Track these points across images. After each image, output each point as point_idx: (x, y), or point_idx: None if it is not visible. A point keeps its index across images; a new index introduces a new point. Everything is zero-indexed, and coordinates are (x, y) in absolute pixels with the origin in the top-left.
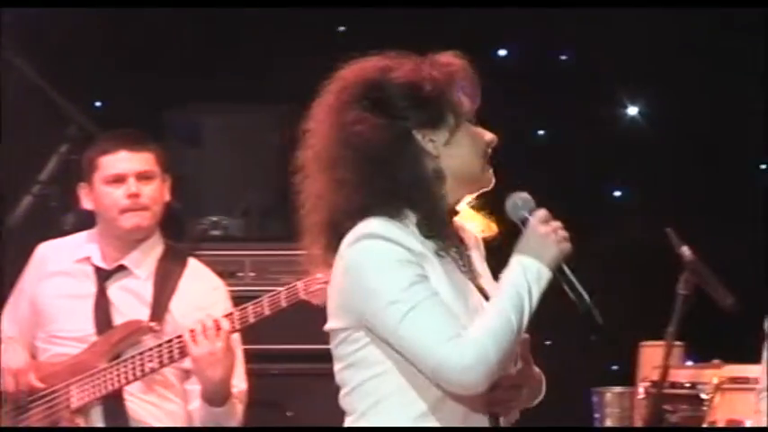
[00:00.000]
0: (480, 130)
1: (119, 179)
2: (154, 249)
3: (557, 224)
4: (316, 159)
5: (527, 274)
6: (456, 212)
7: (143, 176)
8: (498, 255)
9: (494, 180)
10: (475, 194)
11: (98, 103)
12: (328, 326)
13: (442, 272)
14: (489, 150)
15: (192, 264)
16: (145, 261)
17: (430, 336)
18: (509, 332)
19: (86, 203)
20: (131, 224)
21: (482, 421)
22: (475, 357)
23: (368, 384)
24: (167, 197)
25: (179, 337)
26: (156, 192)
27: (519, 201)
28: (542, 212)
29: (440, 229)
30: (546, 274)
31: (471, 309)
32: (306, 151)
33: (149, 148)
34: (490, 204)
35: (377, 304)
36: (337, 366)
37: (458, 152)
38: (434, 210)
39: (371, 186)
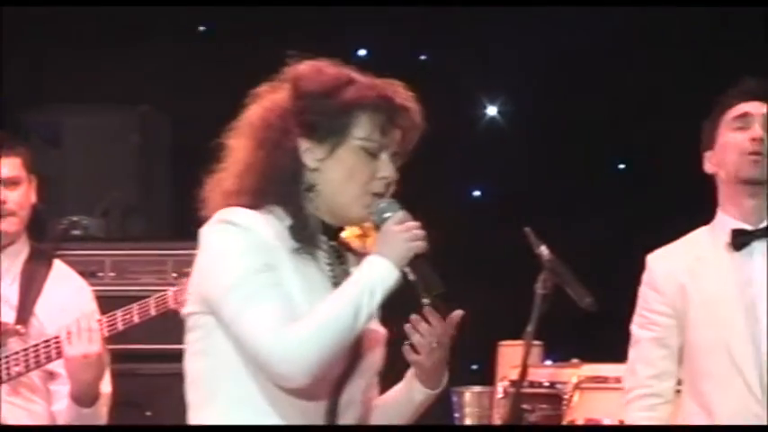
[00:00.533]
0: (376, 164)
1: None
2: (20, 253)
3: (412, 224)
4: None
5: (372, 273)
6: (341, 229)
7: (9, 182)
8: None
9: (371, 218)
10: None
11: None
12: (184, 310)
13: (292, 268)
14: (380, 188)
15: (58, 266)
16: (11, 265)
17: (259, 324)
18: (337, 329)
19: None
20: None
21: (320, 411)
22: (295, 351)
23: (203, 375)
24: (34, 199)
25: (46, 341)
26: (23, 197)
27: (384, 204)
28: (399, 214)
29: (302, 238)
30: (392, 272)
31: None
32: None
33: (16, 152)
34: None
35: (219, 288)
36: (186, 355)
37: (332, 174)
38: (299, 218)
39: (248, 175)
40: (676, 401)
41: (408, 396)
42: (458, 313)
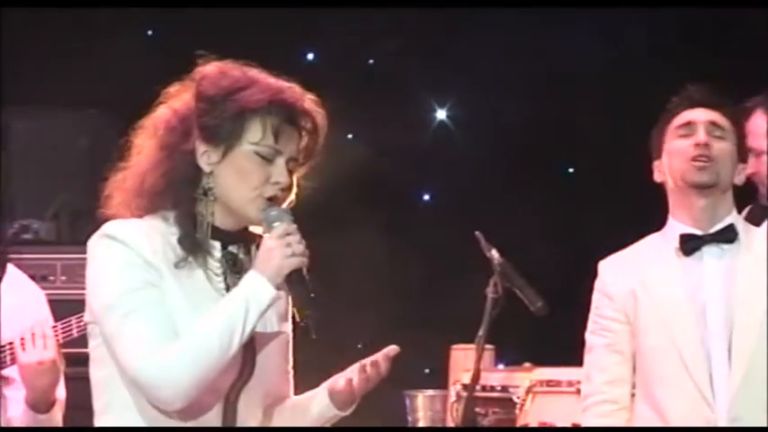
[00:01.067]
0: (270, 169)
1: None
2: None
3: (292, 238)
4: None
5: (246, 290)
6: (240, 235)
7: None
8: None
9: (266, 221)
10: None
11: None
12: (84, 317)
13: (176, 282)
14: (272, 192)
15: (11, 271)
16: None
17: (133, 347)
18: (211, 350)
19: None
20: None
21: (216, 420)
22: (167, 376)
23: (102, 383)
24: None
25: (1, 347)
26: None
27: (274, 212)
28: (282, 226)
29: (188, 247)
30: (267, 290)
31: None
32: None
33: None
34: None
35: (99, 305)
36: (89, 362)
37: (225, 177)
38: (187, 224)
39: (149, 176)
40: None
41: (318, 411)
42: (393, 349)
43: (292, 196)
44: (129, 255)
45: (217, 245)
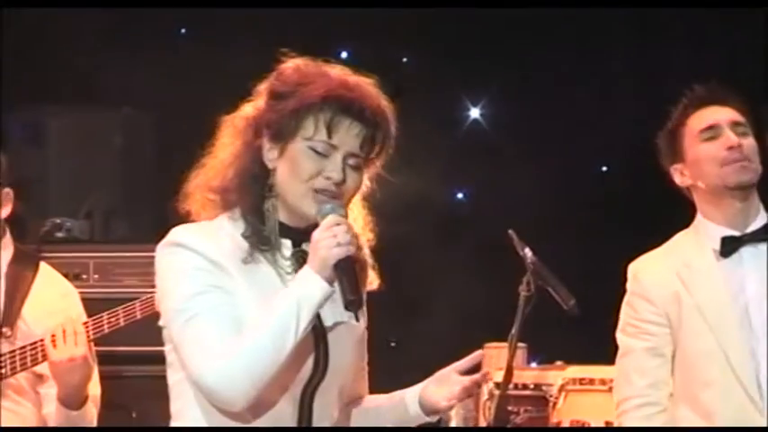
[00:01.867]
0: (324, 163)
1: None
2: (3, 253)
3: (338, 229)
4: None
5: (298, 288)
6: (305, 230)
7: None
8: None
9: (320, 216)
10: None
11: None
12: (159, 322)
13: (246, 280)
14: (322, 185)
15: (44, 269)
16: None
17: (194, 350)
18: (266, 351)
19: None
20: None
21: (291, 420)
22: (224, 380)
23: (176, 388)
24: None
25: (33, 344)
26: None
27: (327, 206)
28: (329, 218)
29: (255, 242)
30: (317, 284)
31: None
32: None
33: None
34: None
35: (167, 311)
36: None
37: (281, 173)
38: (253, 221)
39: (223, 173)
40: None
41: (404, 414)
42: (480, 354)
43: (358, 196)
44: (193, 259)
45: (288, 243)
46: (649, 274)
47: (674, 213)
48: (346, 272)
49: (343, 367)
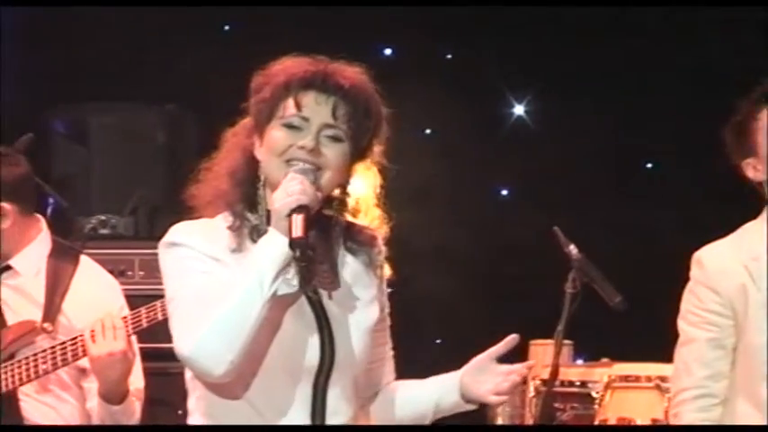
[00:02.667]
0: (299, 135)
1: None
2: (40, 247)
3: (289, 183)
4: None
5: (257, 247)
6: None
7: None
8: None
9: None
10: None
11: None
12: None
13: (238, 269)
14: (295, 155)
15: (85, 262)
16: (31, 260)
17: (176, 330)
18: (231, 313)
19: None
20: None
21: (304, 411)
22: (201, 349)
23: (190, 383)
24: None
25: (73, 339)
26: None
27: (295, 167)
28: (287, 177)
29: (247, 231)
30: (269, 237)
31: None
32: None
33: None
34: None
35: (167, 304)
36: None
37: (262, 157)
38: (241, 212)
39: (224, 179)
40: None
41: (441, 401)
42: (514, 338)
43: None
44: (183, 252)
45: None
46: (716, 264)
47: (722, 209)
48: (293, 218)
49: (353, 356)
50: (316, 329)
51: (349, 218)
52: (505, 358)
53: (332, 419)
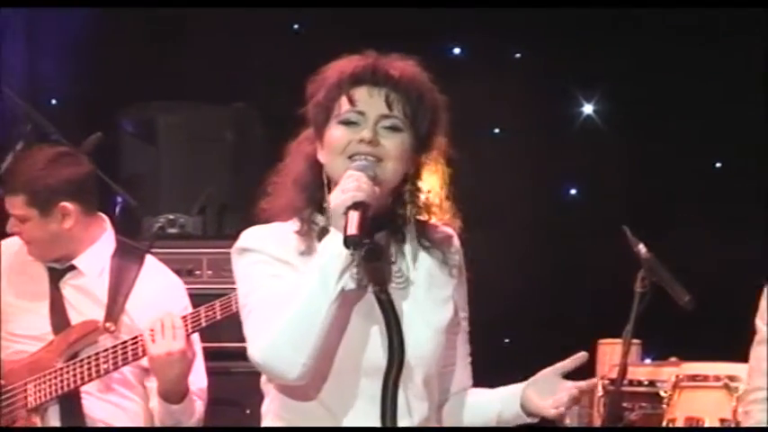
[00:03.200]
0: (358, 130)
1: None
2: (104, 247)
3: (345, 180)
4: None
5: (320, 247)
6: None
7: (18, 218)
8: None
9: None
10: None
11: (54, 101)
12: None
13: (306, 271)
14: (355, 149)
15: (149, 261)
16: (95, 260)
17: (250, 336)
18: (297, 312)
19: None
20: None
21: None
22: (273, 352)
23: (264, 386)
24: (57, 227)
25: (134, 338)
26: (33, 230)
27: (357, 164)
28: (347, 173)
29: (304, 233)
30: (330, 237)
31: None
32: None
33: (17, 189)
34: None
35: (240, 309)
36: None
37: (325, 158)
38: (308, 216)
39: (292, 188)
40: None
41: (504, 412)
42: (583, 356)
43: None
44: (254, 257)
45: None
46: None
47: None
48: (351, 214)
49: (424, 355)
50: (384, 329)
51: (423, 216)
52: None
53: (404, 419)
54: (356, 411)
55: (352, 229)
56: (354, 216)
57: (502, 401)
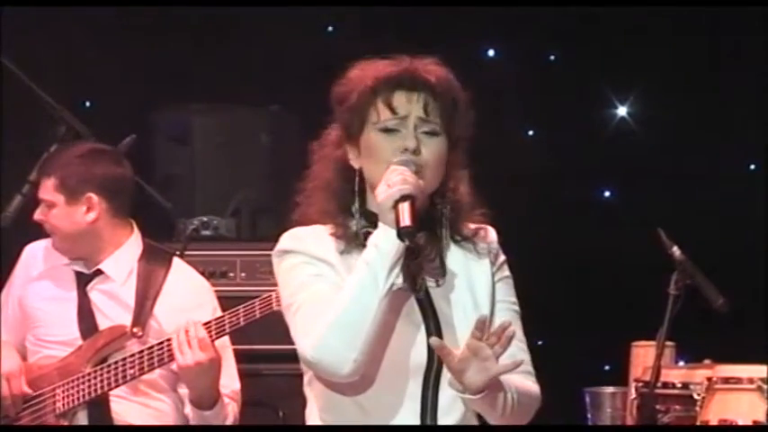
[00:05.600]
0: (399, 137)
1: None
2: (131, 251)
3: (390, 175)
4: None
5: (369, 243)
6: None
7: (46, 204)
8: None
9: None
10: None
11: (87, 103)
12: None
13: (345, 270)
14: (402, 157)
15: (177, 265)
16: (121, 264)
17: (298, 334)
18: (347, 309)
19: None
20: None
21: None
22: (323, 349)
23: (307, 388)
24: (84, 219)
25: (160, 344)
26: (58, 218)
27: (398, 160)
28: (389, 169)
29: (342, 235)
30: (378, 231)
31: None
32: None
33: (50, 173)
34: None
35: (283, 311)
36: None
37: (366, 167)
38: (344, 221)
39: (321, 194)
40: None
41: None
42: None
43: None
44: (295, 258)
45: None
46: None
47: None
48: (400, 206)
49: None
50: (423, 327)
51: (458, 214)
52: (609, 359)
53: (445, 418)
54: (393, 411)
55: (406, 221)
56: (406, 207)
57: None
